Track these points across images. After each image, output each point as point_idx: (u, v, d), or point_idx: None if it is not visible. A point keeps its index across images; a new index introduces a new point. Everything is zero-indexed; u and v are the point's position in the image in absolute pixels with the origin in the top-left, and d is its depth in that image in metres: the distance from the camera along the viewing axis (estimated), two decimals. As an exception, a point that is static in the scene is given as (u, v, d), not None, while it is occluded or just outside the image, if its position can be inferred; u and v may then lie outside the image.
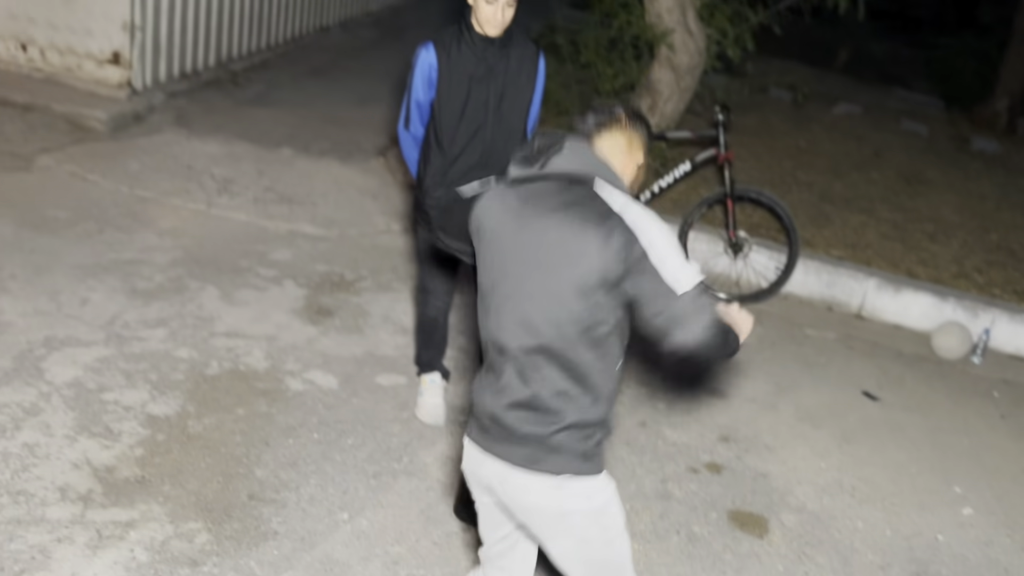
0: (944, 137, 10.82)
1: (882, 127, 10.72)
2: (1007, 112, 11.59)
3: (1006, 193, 8.76)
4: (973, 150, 10.46)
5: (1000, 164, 9.98)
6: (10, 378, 3.69)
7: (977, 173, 9.35)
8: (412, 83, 3.51)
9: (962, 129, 11.40)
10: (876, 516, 3.94)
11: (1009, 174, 9.57)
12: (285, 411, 3.82)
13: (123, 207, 5.36)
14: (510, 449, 2.19)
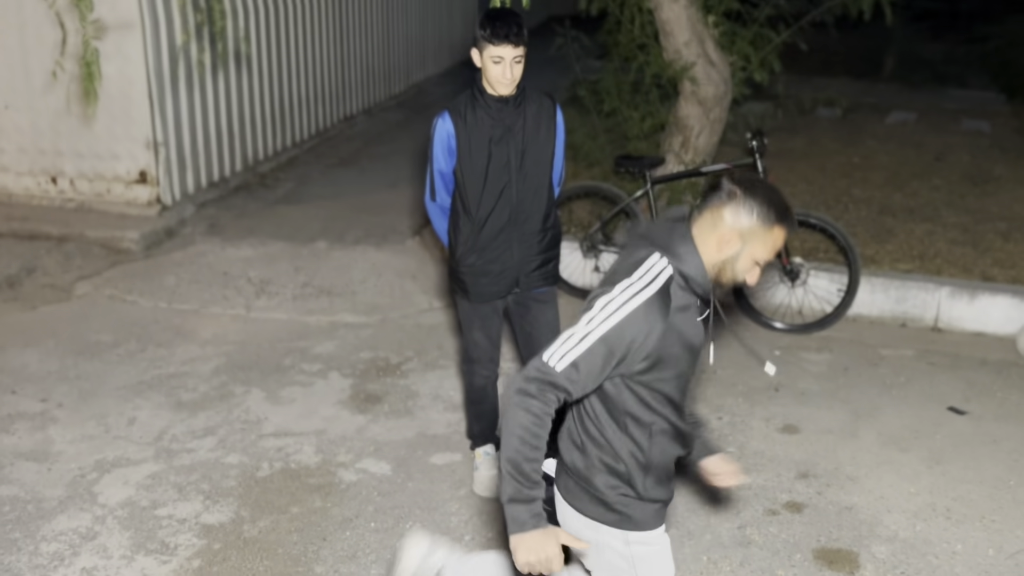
0: (1009, 131, 10.68)
1: (941, 129, 10.65)
2: (1075, 94, 11.42)
3: (1084, 179, 8.59)
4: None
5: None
6: (65, 506, 3.85)
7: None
8: (432, 154, 3.66)
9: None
10: (976, 536, 3.85)
11: (1085, 157, 9.39)
12: (340, 504, 3.91)
13: (163, 322, 5.59)
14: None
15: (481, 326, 3.79)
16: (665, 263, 2.25)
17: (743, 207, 2.22)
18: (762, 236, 2.24)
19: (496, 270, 3.67)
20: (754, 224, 2.22)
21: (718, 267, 2.28)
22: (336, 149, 9.18)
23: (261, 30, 8.03)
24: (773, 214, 2.22)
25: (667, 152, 6.22)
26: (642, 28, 6.19)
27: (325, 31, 9.33)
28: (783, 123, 10.48)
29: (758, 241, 2.24)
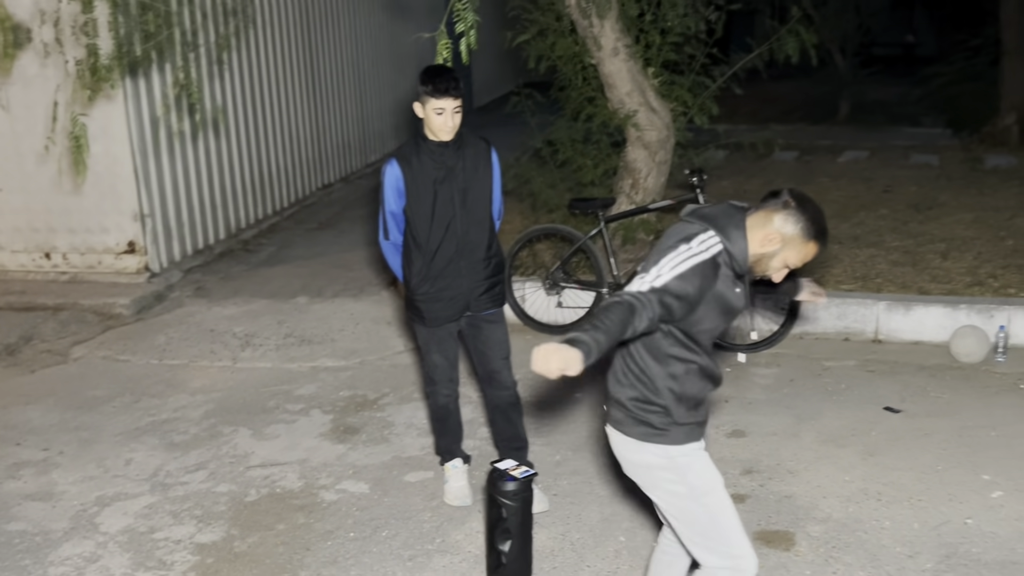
0: (956, 162, 11.23)
1: (891, 165, 11.20)
2: (1017, 125, 12.00)
3: (1023, 201, 9.09)
4: (987, 168, 10.84)
5: (1016, 176, 10.33)
6: (69, 536, 4.22)
7: (992, 188, 9.71)
8: (384, 197, 4.11)
9: (975, 151, 11.81)
10: (903, 514, 4.23)
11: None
12: (322, 519, 4.28)
13: (155, 377, 5.98)
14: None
15: (438, 348, 4.20)
16: (717, 240, 2.70)
17: (792, 216, 2.67)
18: (798, 245, 2.69)
19: (448, 296, 4.09)
20: (796, 233, 2.67)
21: (756, 257, 2.72)
22: (315, 214, 9.67)
23: (239, 104, 8.57)
24: (813, 230, 2.68)
25: (619, 194, 6.69)
26: (588, 82, 6.71)
27: (302, 104, 9.89)
28: (741, 167, 11.03)
29: (794, 248, 2.70)
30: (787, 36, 6.64)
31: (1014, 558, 3.88)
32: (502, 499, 3.73)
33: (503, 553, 3.74)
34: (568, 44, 6.50)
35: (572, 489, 4.50)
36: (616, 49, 6.19)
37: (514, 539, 3.73)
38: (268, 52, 9.20)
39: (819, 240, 2.71)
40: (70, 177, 7.01)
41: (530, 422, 4.92)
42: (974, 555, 3.91)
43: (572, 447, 4.91)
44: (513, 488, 3.73)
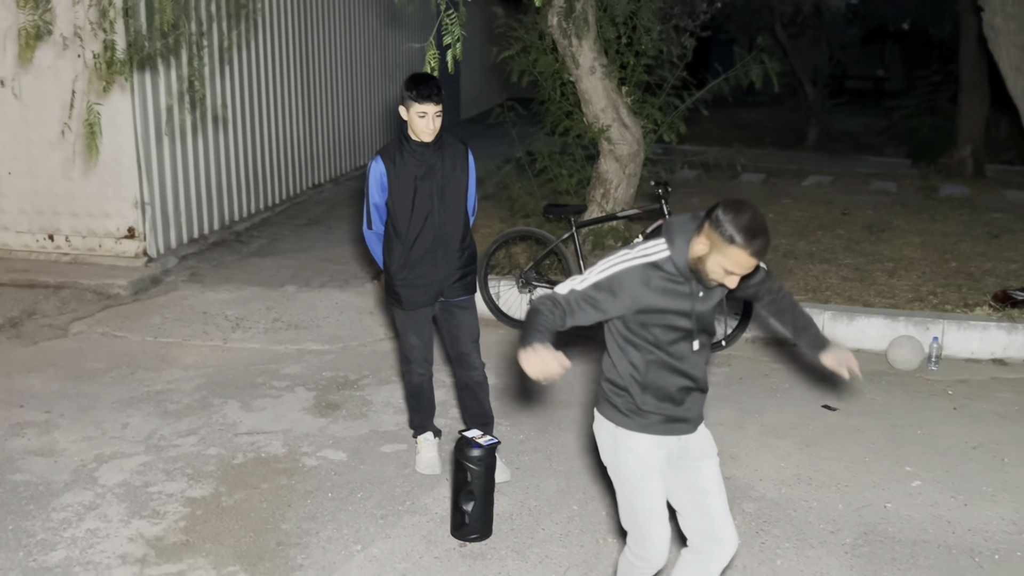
0: (912, 190, 11.69)
1: (851, 190, 11.65)
2: (972, 158, 12.49)
3: (969, 228, 9.54)
4: (941, 196, 11.30)
5: (967, 205, 10.79)
6: (70, 486, 4.51)
7: (943, 215, 10.16)
8: (368, 191, 4.44)
9: (932, 181, 12.29)
10: (830, 497, 4.59)
11: (975, 212, 10.37)
12: (303, 481, 4.60)
13: (150, 353, 6.27)
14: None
15: (414, 331, 4.53)
16: (664, 247, 2.91)
17: (717, 222, 2.73)
18: (723, 248, 2.73)
19: (424, 283, 4.42)
20: (720, 238, 2.72)
21: (693, 262, 2.84)
22: (305, 211, 9.98)
23: (238, 103, 8.89)
24: (735, 234, 2.70)
25: (591, 202, 7.06)
26: (566, 98, 7.08)
27: (297, 107, 10.21)
28: (710, 187, 11.45)
29: (721, 252, 2.74)
30: (752, 63, 7.03)
31: (925, 537, 4.24)
32: (468, 464, 4.08)
33: (466, 513, 4.08)
34: (549, 61, 6.86)
35: (533, 464, 4.84)
36: (593, 68, 6.56)
37: (477, 500, 4.07)
38: (267, 56, 9.53)
39: (743, 244, 2.70)
40: (82, 161, 7.30)
41: (498, 406, 5.26)
42: (889, 534, 4.27)
43: (536, 428, 5.24)
44: (478, 454, 4.08)
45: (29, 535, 4.09)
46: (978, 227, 9.60)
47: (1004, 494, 4.65)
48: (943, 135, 12.94)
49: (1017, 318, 6.47)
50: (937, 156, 12.76)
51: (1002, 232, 9.37)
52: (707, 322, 3.05)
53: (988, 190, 11.71)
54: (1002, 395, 5.85)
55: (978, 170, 12.50)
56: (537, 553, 4.05)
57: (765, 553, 4.09)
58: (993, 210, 10.49)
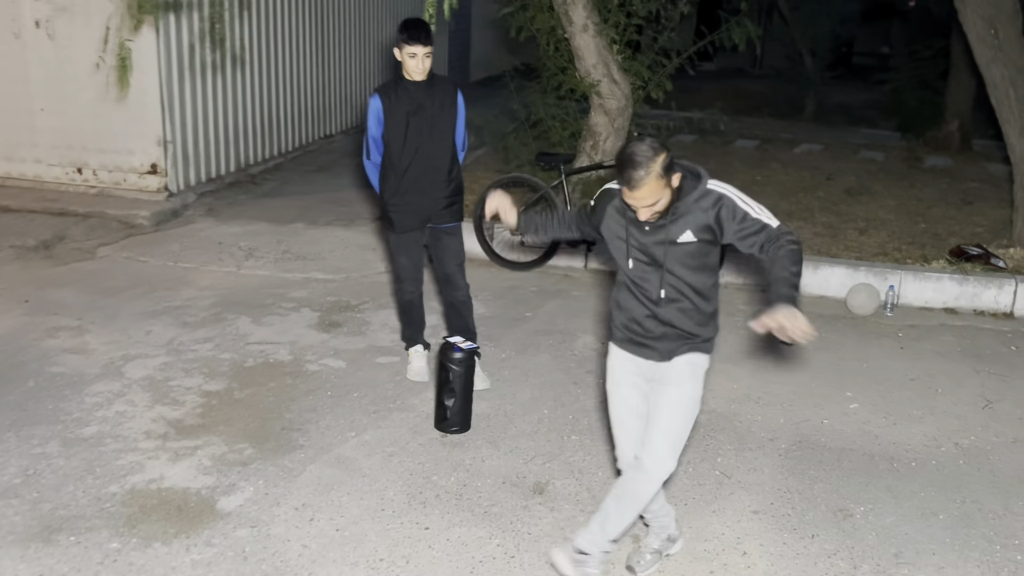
0: (898, 160, 12.15)
1: (839, 158, 12.11)
2: (959, 132, 12.92)
3: (945, 196, 10.03)
4: (924, 167, 11.76)
5: (948, 175, 11.26)
6: (100, 377, 5.10)
7: (923, 183, 10.64)
8: (368, 124, 4.98)
9: (918, 152, 12.74)
10: (774, 412, 5.15)
11: (953, 181, 10.85)
12: (306, 382, 5.18)
13: (169, 275, 6.85)
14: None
15: (405, 252, 5.07)
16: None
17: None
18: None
19: (414, 208, 4.96)
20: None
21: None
22: (315, 159, 10.53)
23: (256, 50, 9.40)
24: (617, 172, 3.07)
25: (581, 152, 7.58)
26: (560, 54, 7.58)
27: (311, 59, 10.72)
28: (705, 151, 11.93)
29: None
30: (734, 27, 7.51)
31: (852, 447, 4.80)
32: (450, 365, 4.65)
33: (448, 408, 4.65)
34: (545, 18, 7.36)
35: (511, 378, 5.41)
36: (586, 25, 7.06)
37: (457, 398, 4.65)
38: (284, 7, 10.02)
39: (618, 179, 3.09)
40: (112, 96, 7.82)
41: (483, 330, 5.81)
42: (822, 443, 4.83)
43: (516, 349, 5.81)
44: (459, 356, 4.65)
45: (66, 413, 4.69)
46: (954, 195, 10.08)
47: (931, 416, 5.20)
48: (932, 109, 13.35)
49: (969, 271, 7.00)
50: (925, 129, 13.17)
51: (976, 200, 9.86)
52: (653, 255, 3.23)
53: (971, 162, 12.16)
54: (946, 338, 6.38)
55: (965, 144, 12.93)
56: (508, 444, 4.62)
57: (708, 452, 4.65)
58: (972, 180, 10.96)
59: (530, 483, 4.27)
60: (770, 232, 3.20)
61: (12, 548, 3.60)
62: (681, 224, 3.18)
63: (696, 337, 3.36)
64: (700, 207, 3.18)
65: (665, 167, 3.05)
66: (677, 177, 3.12)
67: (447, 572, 3.59)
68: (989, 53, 7.37)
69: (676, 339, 3.34)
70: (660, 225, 3.19)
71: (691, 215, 3.18)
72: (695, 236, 3.19)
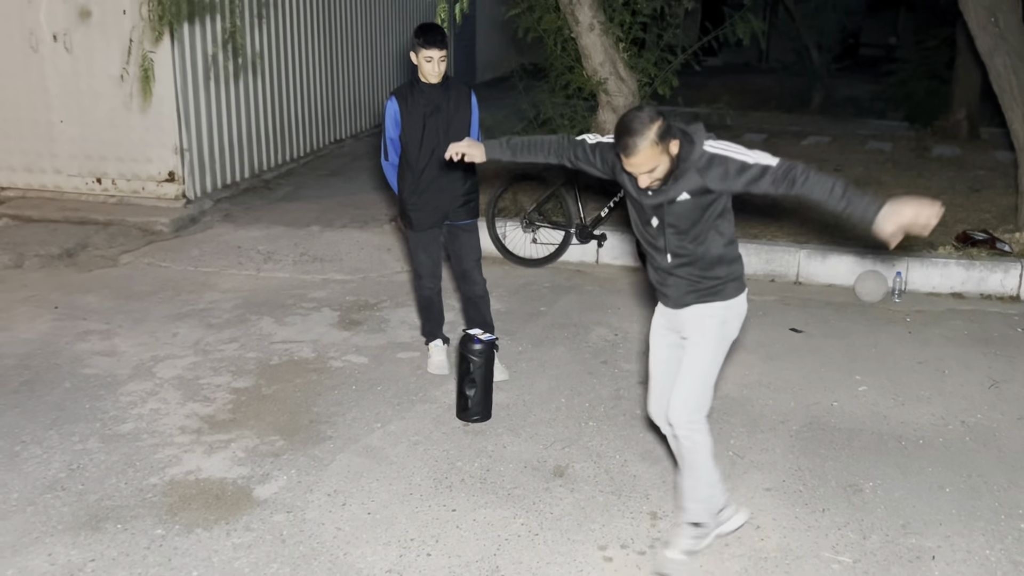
0: (906, 151, 12.33)
1: (847, 150, 12.30)
2: (967, 121, 13.09)
3: (953, 184, 10.21)
4: (932, 156, 11.94)
5: (956, 164, 11.44)
6: (132, 378, 5.35)
7: (931, 172, 10.83)
8: (385, 126, 5.21)
9: (926, 142, 12.91)
10: (784, 397, 5.36)
11: (961, 169, 11.03)
12: (330, 378, 5.42)
13: (191, 280, 7.10)
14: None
15: (424, 249, 5.31)
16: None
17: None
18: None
19: (432, 207, 5.19)
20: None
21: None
22: (328, 164, 10.78)
23: (268, 59, 9.66)
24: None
25: (590, 150, 7.79)
26: (567, 53, 7.81)
27: (321, 66, 10.98)
28: (712, 145, 12.12)
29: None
30: (738, 22, 7.73)
31: (861, 427, 5.01)
32: (470, 356, 4.88)
33: (469, 398, 4.88)
34: (552, 19, 7.59)
35: (529, 370, 5.63)
36: (592, 25, 7.28)
37: (477, 388, 4.88)
38: (296, 13, 10.28)
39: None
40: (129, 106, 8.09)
41: (500, 324, 6.05)
42: (832, 424, 5.05)
43: (532, 343, 6.04)
44: (479, 348, 4.88)
45: (103, 412, 4.94)
46: (961, 183, 10.26)
47: (939, 397, 5.40)
48: (940, 99, 13.52)
49: (975, 256, 7.20)
50: (933, 119, 13.35)
51: (983, 187, 10.04)
52: (659, 215, 3.45)
53: (979, 151, 12.33)
54: (954, 323, 6.59)
55: (973, 132, 13.10)
56: (528, 432, 4.85)
57: (721, 435, 4.87)
58: (980, 168, 11.13)
59: (550, 467, 4.49)
60: (774, 171, 3.35)
61: (63, 536, 3.84)
62: (680, 186, 3.38)
63: (704, 284, 3.55)
64: (695, 168, 3.37)
65: (661, 134, 3.24)
66: (675, 144, 3.30)
67: (475, 550, 3.82)
68: (991, 42, 7.57)
69: (680, 284, 3.57)
70: (662, 190, 3.41)
71: (687, 177, 3.37)
72: (689, 195, 3.38)
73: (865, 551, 3.89)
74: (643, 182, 3.34)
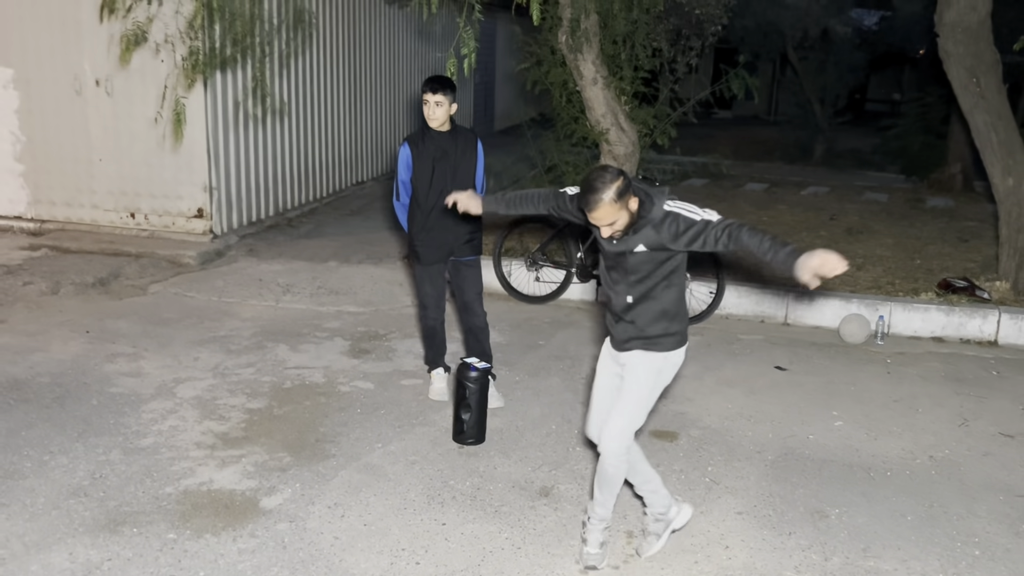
0: (901, 201, 12.55)
1: (844, 199, 12.53)
2: (961, 175, 13.31)
3: (943, 234, 10.40)
4: (926, 207, 12.15)
5: (948, 215, 11.64)
6: (154, 397, 5.60)
7: (922, 223, 11.02)
8: (398, 169, 5.49)
9: (921, 194, 13.12)
10: (763, 428, 5.54)
11: (952, 220, 11.22)
12: (338, 401, 5.65)
13: (215, 308, 7.38)
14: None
15: (430, 282, 5.56)
16: None
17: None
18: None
19: (438, 243, 5.45)
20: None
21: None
22: (349, 204, 11.10)
23: (294, 104, 10.02)
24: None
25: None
26: (573, 104, 8.11)
27: (345, 111, 11.34)
28: (716, 193, 12.39)
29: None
30: (733, 78, 8.00)
31: (833, 458, 5.18)
32: (466, 382, 5.10)
33: (464, 421, 5.10)
34: (559, 73, 7.90)
35: (523, 398, 5.84)
36: (595, 79, 7.58)
37: (473, 412, 5.09)
38: (321, 63, 10.67)
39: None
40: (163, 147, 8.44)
41: (500, 356, 6.29)
42: (806, 455, 5.22)
43: (529, 373, 6.25)
44: (474, 375, 5.11)
45: (125, 427, 5.18)
46: (951, 233, 10.46)
47: (909, 433, 5.56)
48: (936, 152, 13.74)
49: (955, 303, 7.37)
50: (928, 172, 13.56)
51: (972, 238, 10.23)
52: (619, 263, 3.70)
53: (972, 203, 12.52)
54: (931, 364, 6.75)
55: (967, 185, 13.31)
56: (519, 454, 5.05)
57: (700, 462, 5.05)
58: (971, 219, 11.33)
59: (537, 487, 4.69)
60: (715, 225, 3.54)
61: (84, 537, 4.07)
62: (637, 238, 3.64)
63: (647, 333, 3.79)
64: (652, 225, 3.62)
65: (620, 192, 3.50)
66: (634, 201, 3.58)
67: (461, 560, 4.02)
68: (971, 100, 7.80)
69: (631, 334, 3.80)
70: (623, 240, 3.67)
71: (645, 232, 3.64)
72: (645, 247, 3.64)
73: (826, 571, 4.06)
74: (604, 233, 3.62)
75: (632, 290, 3.76)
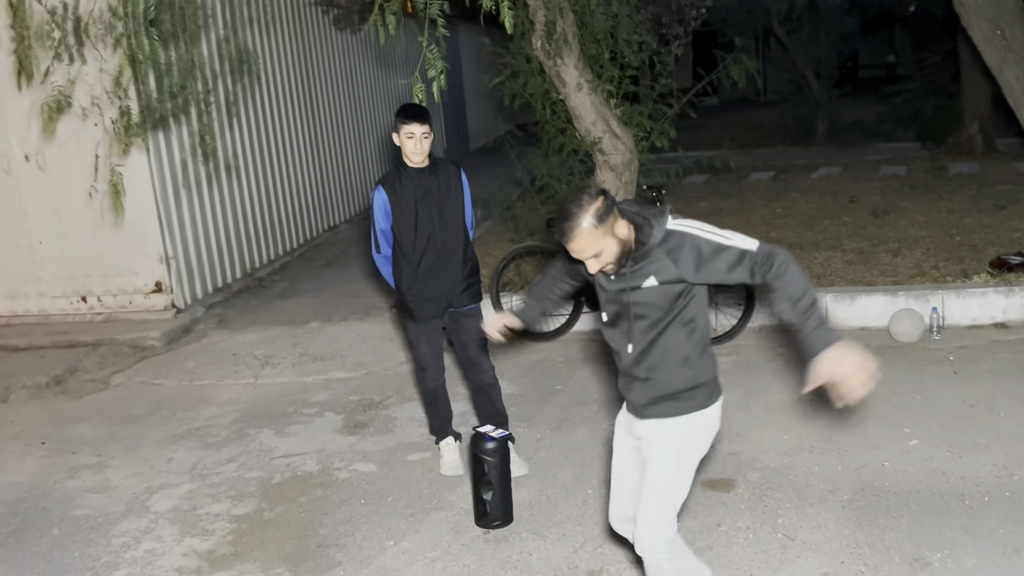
0: (921, 172, 12.10)
1: (860, 178, 12.08)
2: (980, 134, 12.87)
3: (976, 203, 9.96)
4: (950, 175, 11.70)
5: (975, 181, 11.19)
6: (125, 515, 5.07)
7: (951, 193, 10.58)
8: (374, 217, 5.00)
9: (941, 161, 12.68)
10: (830, 461, 5.03)
11: (982, 186, 10.78)
12: (337, 492, 5.12)
13: (187, 395, 6.85)
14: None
15: (426, 340, 5.06)
16: None
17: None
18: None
19: (433, 296, 4.95)
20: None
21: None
22: (323, 253, 10.61)
23: (249, 155, 9.54)
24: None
25: (592, 213, 7.58)
26: (558, 115, 7.63)
27: (306, 152, 10.87)
28: (720, 189, 11.93)
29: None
30: (732, 63, 7.54)
31: (918, 488, 4.67)
32: (483, 456, 4.58)
33: (487, 502, 4.58)
34: (538, 83, 7.42)
35: (549, 458, 5.33)
36: (579, 84, 7.10)
37: (495, 490, 4.57)
38: (273, 106, 10.19)
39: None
40: (110, 220, 7.94)
41: (515, 410, 5.78)
42: (886, 488, 4.71)
43: (551, 427, 5.74)
44: (492, 446, 4.59)
45: (94, 559, 4.65)
46: (985, 200, 10.01)
47: (997, 443, 5.06)
48: (950, 115, 13.32)
49: (1014, 282, 6.89)
50: (945, 136, 13.13)
51: (1008, 203, 9.78)
52: (624, 304, 3.19)
53: (998, 164, 12.09)
54: (1000, 355, 6.26)
55: (988, 145, 12.88)
56: (555, 532, 4.53)
57: (767, 514, 4.54)
58: (1001, 183, 10.89)
59: (583, 572, 4.17)
60: (753, 256, 3.00)
61: None
62: (645, 270, 3.11)
63: (672, 393, 3.24)
64: (662, 251, 3.07)
65: (599, 216, 2.99)
66: (622, 225, 3.06)
67: None
68: (998, 54, 7.35)
69: (649, 395, 3.26)
70: (622, 274, 3.14)
71: (652, 261, 3.09)
72: (657, 281, 3.10)
73: (943, 636, 3.55)
74: (592, 268, 3.11)
75: (643, 337, 3.20)
